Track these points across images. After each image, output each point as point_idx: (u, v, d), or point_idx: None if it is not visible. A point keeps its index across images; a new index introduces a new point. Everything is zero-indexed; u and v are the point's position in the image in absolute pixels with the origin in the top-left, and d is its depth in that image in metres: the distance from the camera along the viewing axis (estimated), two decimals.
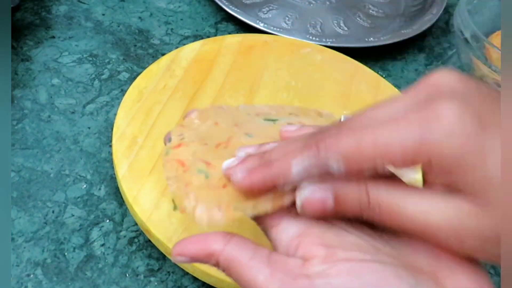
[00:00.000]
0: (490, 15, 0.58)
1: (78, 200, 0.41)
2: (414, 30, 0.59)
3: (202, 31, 0.59)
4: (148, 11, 0.61)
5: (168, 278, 0.38)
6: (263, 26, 0.56)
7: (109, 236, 0.39)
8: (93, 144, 0.45)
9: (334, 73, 0.49)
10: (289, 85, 0.47)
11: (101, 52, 0.54)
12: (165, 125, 0.42)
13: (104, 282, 0.37)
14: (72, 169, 0.43)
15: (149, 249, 0.39)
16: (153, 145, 0.40)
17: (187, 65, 0.47)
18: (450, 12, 0.68)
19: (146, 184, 0.38)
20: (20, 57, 0.52)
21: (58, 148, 0.45)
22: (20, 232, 0.39)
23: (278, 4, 0.64)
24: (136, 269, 0.38)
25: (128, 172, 0.38)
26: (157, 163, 0.39)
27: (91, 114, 0.48)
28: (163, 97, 0.44)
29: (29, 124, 0.46)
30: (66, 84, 0.50)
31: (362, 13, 0.65)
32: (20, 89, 0.49)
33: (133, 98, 0.43)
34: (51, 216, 0.40)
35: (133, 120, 0.42)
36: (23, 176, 0.42)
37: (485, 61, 0.50)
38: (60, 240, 0.39)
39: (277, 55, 0.50)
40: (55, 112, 0.48)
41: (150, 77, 0.45)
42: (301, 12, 0.63)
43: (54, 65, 0.52)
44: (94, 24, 0.58)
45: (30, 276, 0.37)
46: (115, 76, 0.52)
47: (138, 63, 0.54)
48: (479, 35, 0.50)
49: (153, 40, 0.57)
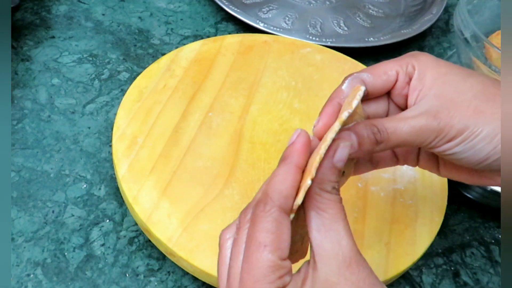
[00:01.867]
0: (490, 15, 0.58)
1: (78, 200, 0.41)
2: (414, 30, 0.59)
3: (202, 31, 0.59)
4: (148, 11, 0.61)
5: (168, 278, 0.38)
6: (263, 26, 0.56)
7: (109, 236, 0.39)
8: (93, 144, 0.45)
9: (334, 73, 0.49)
10: (289, 85, 0.47)
11: (101, 52, 0.54)
12: (165, 125, 0.42)
13: (104, 282, 0.37)
14: (72, 169, 0.43)
15: (149, 249, 0.39)
16: (153, 145, 0.40)
17: (187, 65, 0.47)
18: (450, 12, 0.68)
19: (146, 184, 0.38)
20: (20, 57, 0.52)
21: (58, 148, 0.45)
22: (20, 232, 0.39)
23: (278, 4, 0.64)
24: (136, 269, 0.38)
25: (128, 172, 0.38)
26: (157, 163, 0.39)
27: (91, 114, 0.48)
28: (163, 97, 0.44)
29: (29, 124, 0.46)
30: (66, 84, 0.50)
31: (362, 13, 0.65)
32: (20, 89, 0.49)
33: (133, 98, 0.43)
34: (51, 216, 0.40)
35: (133, 120, 0.42)
36: (23, 176, 0.42)
37: (485, 61, 0.50)
38: (60, 240, 0.39)
39: (277, 55, 0.50)
40: (55, 112, 0.48)
41: (150, 77, 0.45)
42: (301, 12, 0.63)
43: (54, 65, 0.52)
44: (94, 24, 0.58)
45: (30, 276, 0.37)
46: (115, 76, 0.52)
47: (138, 63, 0.54)
48: (479, 35, 0.50)
49: (153, 40, 0.57)
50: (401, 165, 0.33)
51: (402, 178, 0.41)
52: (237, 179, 0.39)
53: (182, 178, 0.38)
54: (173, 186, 0.38)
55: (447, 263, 0.41)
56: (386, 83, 0.29)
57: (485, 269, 0.42)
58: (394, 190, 0.40)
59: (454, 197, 0.46)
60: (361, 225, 0.37)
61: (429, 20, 0.61)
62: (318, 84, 0.48)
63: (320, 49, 0.52)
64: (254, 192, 0.38)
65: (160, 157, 0.39)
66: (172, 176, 0.38)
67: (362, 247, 0.36)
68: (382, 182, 0.41)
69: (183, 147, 0.40)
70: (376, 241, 0.36)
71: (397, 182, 0.41)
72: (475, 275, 0.41)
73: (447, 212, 0.43)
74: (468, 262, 0.42)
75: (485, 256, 0.42)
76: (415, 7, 0.66)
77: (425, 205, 0.39)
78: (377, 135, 0.27)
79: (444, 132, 0.26)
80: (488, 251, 0.43)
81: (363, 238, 0.36)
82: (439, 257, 0.42)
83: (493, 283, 0.41)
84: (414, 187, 0.41)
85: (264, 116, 0.44)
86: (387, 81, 0.29)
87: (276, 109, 0.45)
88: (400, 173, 0.41)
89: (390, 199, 0.39)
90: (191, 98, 0.44)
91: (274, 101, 0.46)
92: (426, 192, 0.40)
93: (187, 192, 0.38)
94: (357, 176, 0.41)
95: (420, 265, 0.41)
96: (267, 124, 0.44)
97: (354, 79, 0.29)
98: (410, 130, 0.27)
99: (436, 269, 0.41)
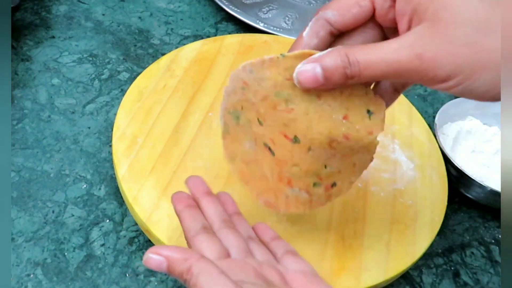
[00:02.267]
0: None
1: (78, 200, 0.41)
2: None
3: (202, 31, 0.59)
4: (148, 11, 0.61)
5: (168, 278, 0.38)
6: (263, 26, 0.56)
7: (109, 236, 0.39)
8: (93, 144, 0.45)
9: None
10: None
11: (101, 52, 0.54)
12: (165, 125, 0.42)
13: (104, 282, 0.37)
14: (72, 169, 0.43)
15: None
16: (153, 145, 0.40)
17: (187, 65, 0.47)
18: None
19: (146, 184, 0.38)
20: (20, 57, 0.52)
21: (58, 148, 0.45)
22: (20, 232, 0.39)
23: (278, 4, 0.64)
24: (136, 269, 0.38)
25: (128, 172, 0.38)
26: (157, 163, 0.39)
27: (91, 114, 0.48)
28: (163, 97, 0.44)
29: (29, 124, 0.46)
30: (66, 84, 0.50)
31: None
32: (20, 89, 0.49)
33: (133, 98, 0.43)
34: (51, 216, 0.40)
35: (133, 120, 0.42)
36: (23, 176, 0.42)
37: None
38: (60, 240, 0.39)
39: None
40: (55, 112, 0.48)
41: (150, 77, 0.45)
42: (301, 12, 0.63)
43: (54, 65, 0.52)
44: (94, 24, 0.58)
45: (30, 276, 0.37)
46: (115, 76, 0.52)
47: (138, 63, 0.54)
48: None
49: (153, 40, 0.57)
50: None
51: (402, 178, 0.41)
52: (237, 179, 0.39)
53: (182, 178, 0.38)
54: (173, 186, 0.38)
55: (447, 263, 0.41)
56: (359, 15, 0.25)
57: (485, 269, 0.42)
58: (394, 190, 0.40)
59: (454, 197, 0.46)
60: (361, 225, 0.37)
61: None
62: None
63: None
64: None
65: (160, 157, 0.39)
66: (172, 176, 0.38)
67: (362, 247, 0.36)
68: (382, 182, 0.41)
69: (183, 147, 0.40)
70: (376, 241, 0.36)
71: (397, 182, 0.41)
72: (475, 275, 0.41)
73: (447, 212, 0.43)
74: (468, 262, 0.42)
75: (485, 256, 0.42)
76: None
77: (425, 205, 0.39)
78: (347, 69, 0.23)
79: (429, 74, 0.22)
80: (488, 251, 0.43)
81: (363, 238, 0.36)
82: (439, 257, 0.42)
83: (493, 283, 0.41)
84: (414, 187, 0.41)
85: None
86: (360, 13, 0.25)
87: None
88: (400, 173, 0.41)
89: (390, 199, 0.39)
90: (191, 98, 0.44)
91: None
92: (426, 192, 0.40)
93: (187, 192, 0.37)
94: None
95: (420, 265, 0.41)
96: None
97: (316, 22, 0.26)
98: (387, 68, 0.23)
99: (436, 269, 0.41)
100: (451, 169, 0.44)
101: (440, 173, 0.42)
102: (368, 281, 0.34)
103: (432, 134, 0.45)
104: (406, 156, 0.43)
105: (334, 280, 0.34)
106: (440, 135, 0.47)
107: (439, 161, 0.43)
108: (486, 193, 0.43)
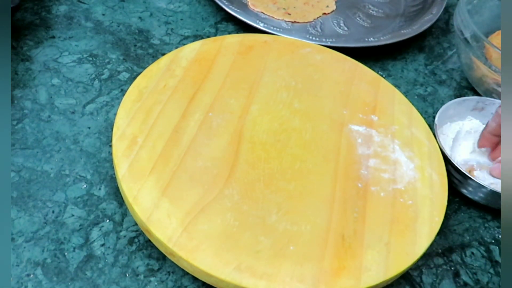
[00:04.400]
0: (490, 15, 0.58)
1: (78, 200, 0.41)
2: (414, 30, 0.59)
3: (202, 31, 0.59)
4: (148, 11, 0.61)
5: (168, 278, 0.38)
6: (263, 26, 0.56)
7: (109, 236, 0.39)
8: (93, 144, 0.45)
9: (334, 73, 0.49)
10: (289, 85, 0.47)
11: (101, 52, 0.54)
12: (165, 125, 0.42)
13: (104, 282, 0.37)
14: (72, 169, 0.43)
15: (149, 249, 0.39)
16: (153, 145, 0.40)
17: (187, 65, 0.47)
18: (450, 12, 0.68)
19: (146, 184, 0.38)
20: (20, 57, 0.52)
21: (58, 148, 0.45)
22: (20, 232, 0.39)
23: None
24: (136, 269, 0.38)
25: (128, 172, 0.38)
26: (157, 163, 0.39)
27: (91, 114, 0.48)
28: (163, 97, 0.44)
29: (29, 124, 0.46)
30: (66, 84, 0.50)
31: (362, 13, 0.65)
32: (20, 89, 0.49)
33: (133, 98, 0.43)
34: (51, 216, 0.40)
35: (133, 120, 0.42)
36: (23, 176, 0.42)
37: (485, 61, 0.50)
38: (60, 240, 0.39)
39: (277, 55, 0.50)
40: (55, 112, 0.48)
41: (150, 77, 0.45)
42: None
43: (54, 65, 0.52)
44: (94, 24, 0.58)
45: (30, 276, 0.37)
46: (115, 76, 0.52)
47: (138, 63, 0.54)
48: (479, 35, 0.50)
49: (153, 40, 0.57)
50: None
51: (402, 178, 0.41)
52: (237, 179, 0.39)
53: (182, 178, 0.38)
54: (173, 186, 0.38)
55: (447, 263, 0.41)
56: None
57: (485, 269, 0.42)
58: (394, 190, 0.40)
59: (454, 197, 0.46)
60: (361, 225, 0.37)
61: (429, 20, 0.61)
62: (318, 84, 0.48)
63: (320, 49, 0.52)
64: (254, 192, 0.38)
65: (160, 157, 0.39)
66: (172, 176, 0.38)
67: (362, 247, 0.36)
68: (382, 182, 0.41)
69: (183, 147, 0.40)
70: (376, 241, 0.36)
71: (397, 182, 0.41)
72: (475, 275, 0.41)
73: (447, 212, 0.43)
74: (468, 262, 0.42)
75: (485, 256, 0.42)
76: (415, 7, 0.66)
77: (425, 205, 0.39)
78: None
79: None
80: (488, 251, 0.43)
81: (363, 238, 0.36)
82: (439, 257, 0.42)
83: (493, 283, 0.41)
84: (414, 187, 0.41)
85: (264, 116, 0.44)
86: None
87: (276, 109, 0.45)
88: (400, 173, 0.41)
89: (390, 199, 0.39)
90: (191, 98, 0.44)
91: (274, 101, 0.46)
92: (426, 192, 0.40)
93: (187, 192, 0.38)
94: (357, 176, 0.41)
95: (420, 265, 0.41)
96: (267, 124, 0.44)
97: None
98: None
99: (436, 269, 0.41)
100: (451, 169, 0.44)
101: (440, 173, 0.42)
102: (368, 281, 0.34)
103: (432, 134, 0.45)
104: (406, 156, 0.43)
105: (334, 280, 0.34)
106: (440, 135, 0.47)
107: (439, 161, 0.43)
108: (486, 193, 0.43)
